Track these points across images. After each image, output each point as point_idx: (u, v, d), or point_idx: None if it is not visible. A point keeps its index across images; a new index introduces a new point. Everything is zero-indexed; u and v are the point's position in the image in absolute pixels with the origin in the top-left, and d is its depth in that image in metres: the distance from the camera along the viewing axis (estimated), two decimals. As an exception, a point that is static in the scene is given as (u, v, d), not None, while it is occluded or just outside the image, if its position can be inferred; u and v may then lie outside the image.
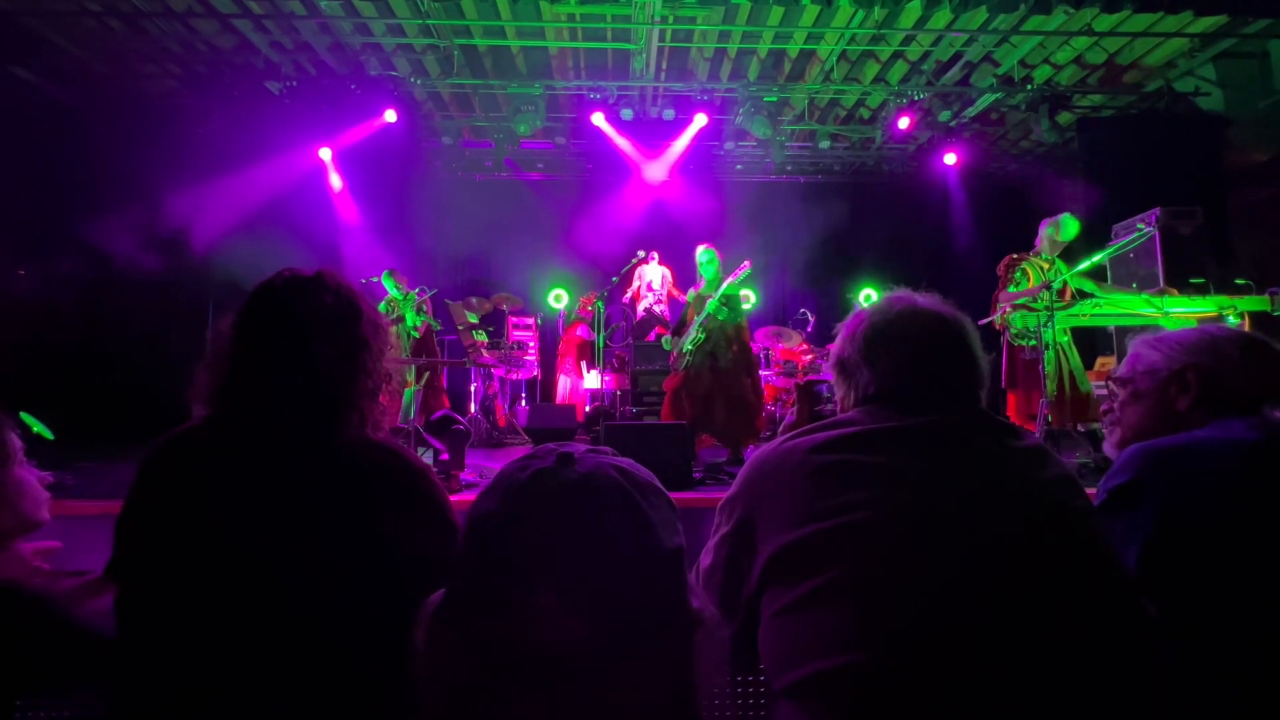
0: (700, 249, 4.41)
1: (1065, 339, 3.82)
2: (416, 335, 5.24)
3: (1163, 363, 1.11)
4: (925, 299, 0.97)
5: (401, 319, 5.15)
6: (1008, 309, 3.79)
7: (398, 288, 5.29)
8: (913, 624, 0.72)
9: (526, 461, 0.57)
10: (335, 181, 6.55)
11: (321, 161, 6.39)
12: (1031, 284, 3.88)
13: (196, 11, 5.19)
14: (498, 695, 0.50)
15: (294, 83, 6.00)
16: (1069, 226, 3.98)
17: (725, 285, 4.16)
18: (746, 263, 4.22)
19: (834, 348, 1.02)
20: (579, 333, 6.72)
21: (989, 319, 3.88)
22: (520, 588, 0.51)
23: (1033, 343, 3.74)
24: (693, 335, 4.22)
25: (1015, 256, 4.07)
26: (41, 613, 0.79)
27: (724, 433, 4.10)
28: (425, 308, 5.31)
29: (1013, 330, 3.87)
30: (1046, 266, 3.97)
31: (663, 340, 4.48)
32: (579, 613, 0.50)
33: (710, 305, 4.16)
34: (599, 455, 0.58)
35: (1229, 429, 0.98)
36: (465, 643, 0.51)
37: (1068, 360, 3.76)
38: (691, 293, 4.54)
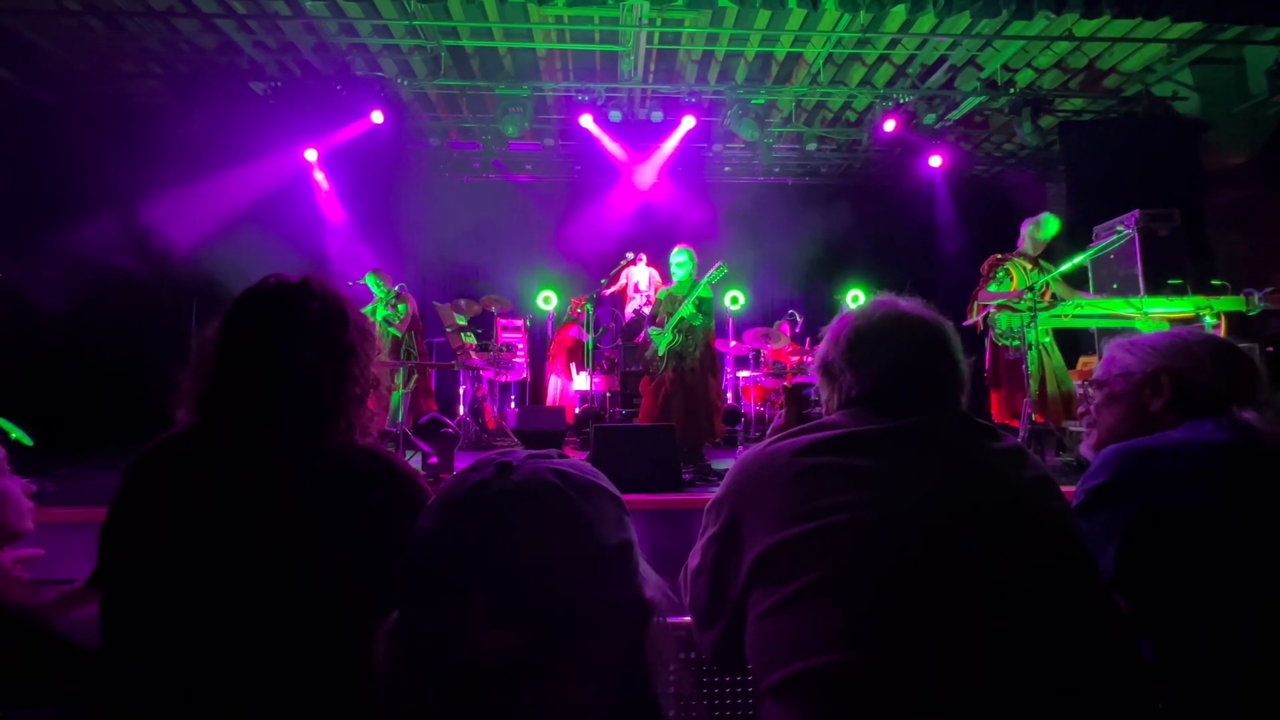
0: (677, 248, 4.40)
1: (1047, 339, 3.88)
2: (396, 333, 5.17)
3: (1137, 366, 1.14)
4: (908, 303, 0.99)
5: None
6: (992, 309, 3.85)
7: (379, 285, 5.25)
8: (896, 623, 0.73)
9: (466, 474, 0.57)
10: (321, 183, 6.49)
11: (307, 163, 6.33)
12: (1015, 283, 3.94)
13: (178, 11, 5.12)
14: (445, 710, 0.50)
15: (278, 83, 5.94)
16: (1049, 225, 4.05)
17: (699, 288, 4.16)
18: (719, 262, 4.22)
19: (818, 351, 1.04)
20: (572, 334, 6.71)
21: (970, 321, 3.94)
22: (453, 602, 0.51)
23: (1015, 342, 3.80)
24: (668, 338, 4.22)
25: (999, 256, 4.14)
26: (23, 625, 0.78)
27: (680, 433, 4.12)
28: (399, 304, 5.22)
29: (997, 330, 3.94)
30: (1029, 266, 4.03)
31: (650, 332, 4.45)
32: (511, 621, 0.50)
33: (685, 309, 4.16)
34: (539, 460, 0.58)
35: (1201, 429, 1.01)
36: (412, 659, 0.52)
37: (1049, 359, 3.82)
38: (663, 290, 4.52)
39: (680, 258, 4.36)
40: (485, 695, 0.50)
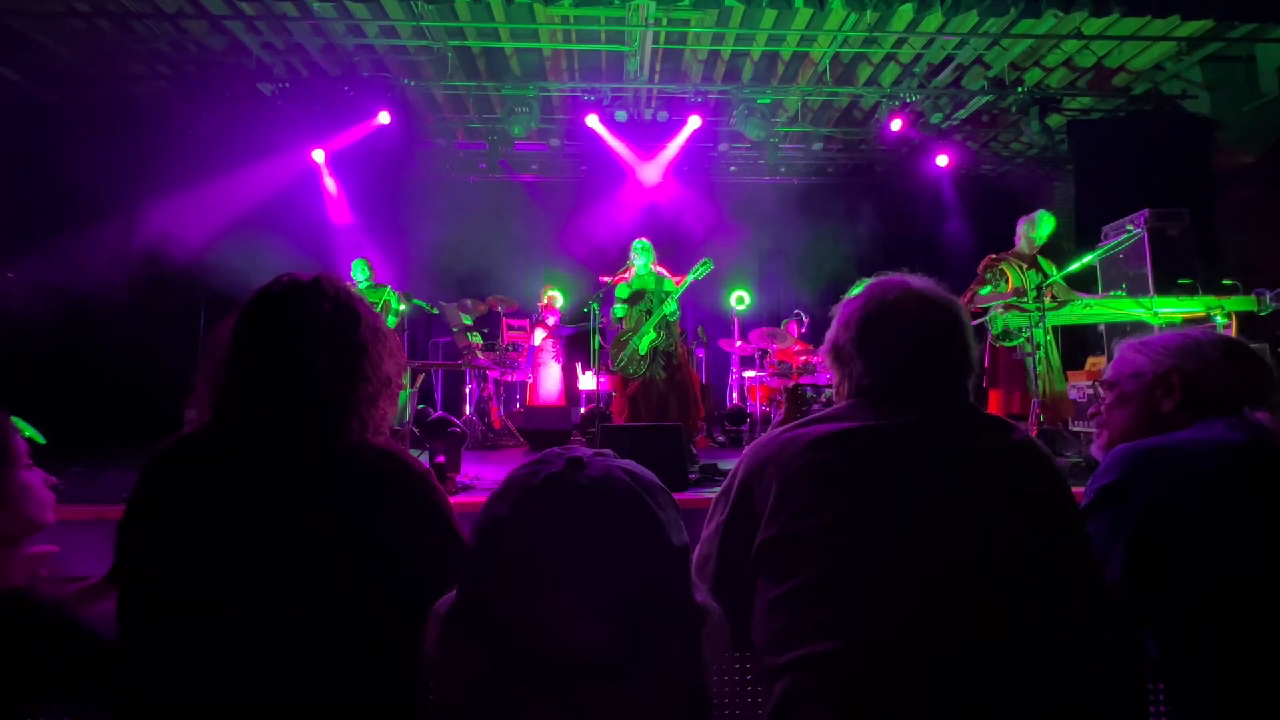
0: (637, 240, 4.40)
1: (1049, 338, 3.85)
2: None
3: (1148, 366, 1.13)
4: (919, 281, 0.97)
5: None
6: (998, 310, 3.83)
7: (363, 272, 5.28)
8: (899, 614, 0.74)
9: (536, 466, 0.57)
10: (329, 183, 6.53)
11: (314, 164, 6.36)
12: (1009, 283, 3.92)
13: (187, 12, 5.16)
14: (516, 698, 0.50)
15: (286, 84, 5.97)
16: (1044, 222, 4.03)
17: (683, 283, 4.24)
18: (705, 257, 4.27)
19: (829, 333, 1.03)
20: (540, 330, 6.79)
21: (978, 320, 3.92)
22: (538, 591, 0.51)
23: (1014, 343, 3.78)
24: (649, 336, 4.22)
25: (994, 256, 4.12)
26: (53, 619, 0.79)
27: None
28: (389, 303, 5.25)
29: (994, 330, 3.91)
30: (1025, 265, 4.01)
31: (615, 305, 4.44)
32: (597, 614, 0.50)
33: (669, 306, 4.19)
34: (606, 459, 0.58)
35: (1212, 430, 1.00)
36: (482, 646, 0.51)
37: (1049, 360, 3.80)
38: (623, 286, 4.39)
39: (639, 247, 4.34)
40: (566, 684, 0.50)
